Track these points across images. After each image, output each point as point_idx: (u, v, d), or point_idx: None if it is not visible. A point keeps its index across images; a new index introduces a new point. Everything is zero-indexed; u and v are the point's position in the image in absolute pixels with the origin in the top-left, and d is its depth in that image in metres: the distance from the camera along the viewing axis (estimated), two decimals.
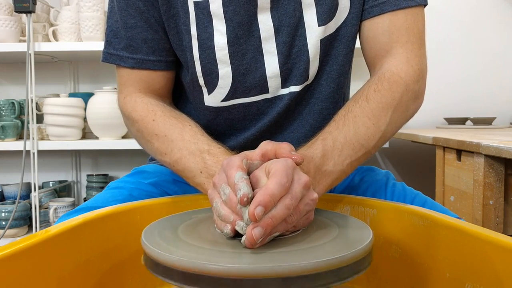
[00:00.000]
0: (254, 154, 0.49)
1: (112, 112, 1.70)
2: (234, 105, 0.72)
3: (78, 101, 1.79)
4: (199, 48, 0.69)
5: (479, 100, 2.03)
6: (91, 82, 2.10)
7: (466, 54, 2.03)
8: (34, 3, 1.66)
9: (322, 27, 0.69)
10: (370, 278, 0.57)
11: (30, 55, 1.69)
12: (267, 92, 0.71)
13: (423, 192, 0.72)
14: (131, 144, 1.72)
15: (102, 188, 1.74)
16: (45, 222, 1.81)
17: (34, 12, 1.69)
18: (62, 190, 2.04)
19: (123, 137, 1.82)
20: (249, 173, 0.47)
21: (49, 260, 0.44)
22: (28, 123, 1.75)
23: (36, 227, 1.75)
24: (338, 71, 0.73)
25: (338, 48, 0.72)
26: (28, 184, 1.92)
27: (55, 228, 0.47)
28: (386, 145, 1.66)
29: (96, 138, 1.82)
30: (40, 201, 1.82)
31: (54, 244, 0.45)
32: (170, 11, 0.69)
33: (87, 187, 1.98)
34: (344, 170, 0.60)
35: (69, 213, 0.64)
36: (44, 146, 1.75)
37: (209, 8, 0.67)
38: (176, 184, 0.76)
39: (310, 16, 0.69)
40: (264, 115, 0.73)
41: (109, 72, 2.07)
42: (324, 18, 0.69)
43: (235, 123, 0.75)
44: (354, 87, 0.77)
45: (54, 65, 2.04)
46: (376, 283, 0.57)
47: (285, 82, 0.71)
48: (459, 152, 1.20)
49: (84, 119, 1.83)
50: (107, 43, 0.74)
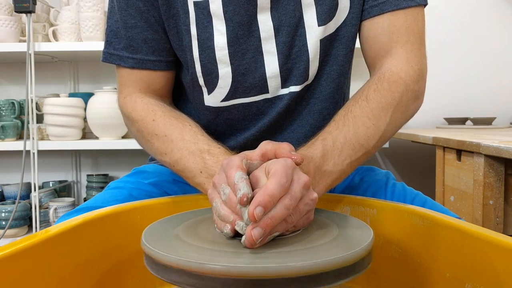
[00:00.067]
0: (254, 154, 0.49)
1: (112, 112, 1.70)
2: (234, 105, 0.72)
3: (78, 101, 1.80)
4: (199, 48, 0.69)
5: (479, 100, 2.03)
6: (91, 82, 2.10)
7: (466, 54, 2.03)
8: (34, 3, 1.66)
9: (322, 27, 0.69)
10: (370, 278, 0.57)
11: (30, 55, 1.69)
12: (267, 92, 0.71)
13: (423, 192, 0.72)
14: (131, 144, 1.72)
15: (102, 188, 1.74)
16: (45, 222, 1.81)
17: (34, 12, 1.69)
18: (62, 190, 2.04)
19: (123, 137, 1.82)
20: (249, 173, 0.47)
21: (49, 260, 0.44)
22: (28, 123, 1.75)
23: (36, 227, 1.75)
24: (338, 71, 0.73)
25: (338, 48, 0.72)
26: (28, 184, 1.92)
27: (55, 228, 0.47)
28: (386, 145, 1.66)
29: (96, 138, 1.82)
30: (40, 201, 1.82)
31: (54, 244, 0.45)
32: (170, 11, 0.69)
33: (87, 187, 1.98)
34: (344, 170, 0.60)
35: (69, 213, 0.64)
36: (44, 146, 1.75)
37: (209, 8, 0.67)
38: (176, 184, 0.76)
39: (310, 16, 0.69)
40: (264, 115, 0.73)
41: (109, 72, 2.07)
42: (324, 18, 0.69)
43: (235, 123, 0.75)
44: (354, 87, 0.77)
45: (54, 65, 2.04)
46: (376, 283, 0.57)
47: (285, 82, 0.71)
48: (459, 152, 1.20)
49: (84, 119, 1.83)
50: (107, 43, 0.74)
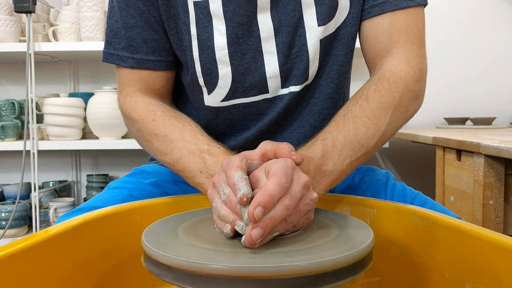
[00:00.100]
0: (253, 154, 0.49)
1: (112, 112, 1.70)
2: (234, 105, 0.72)
3: (78, 101, 1.80)
4: (199, 48, 0.69)
5: (479, 100, 2.03)
6: (91, 82, 2.10)
7: (466, 54, 2.03)
8: (34, 3, 1.66)
9: (322, 27, 0.69)
10: (370, 278, 0.57)
11: (30, 55, 1.69)
12: (267, 92, 0.71)
13: (423, 192, 0.72)
14: (131, 144, 1.72)
15: (102, 188, 1.74)
16: (45, 222, 1.81)
17: (34, 12, 1.69)
18: (62, 190, 2.04)
19: (123, 137, 1.82)
20: (248, 173, 0.47)
21: (49, 260, 0.44)
22: (28, 123, 1.75)
23: (36, 227, 1.75)
24: (338, 71, 0.73)
25: (338, 48, 0.72)
26: (28, 184, 1.92)
27: (55, 228, 0.47)
28: (386, 145, 1.66)
29: (96, 138, 1.82)
30: (40, 201, 1.82)
31: (54, 244, 0.45)
32: (170, 11, 0.69)
33: (87, 187, 1.98)
34: (344, 170, 0.60)
35: (69, 213, 0.64)
36: (44, 146, 1.75)
37: (209, 8, 0.67)
38: (176, 184, 0.76)
39: (309, 16, 0.69)
40: (264, 115, 0.73)
41: (109, 72, 2.07)
42: (324, 18, 0.69)
43: (235, 123, 0.75)
44: (354, 87, 0.77)
45: (54, 65, 2.04)
46: (376, 283, 0.57)
47: (285, 82, 0.71)
48: (459, 152, 1.20)
49: (84, 119, 1.83)
50: (107, 43, 0.74)
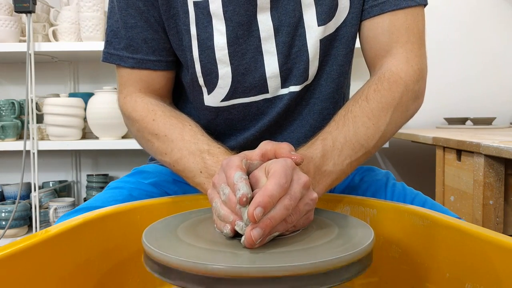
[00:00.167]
0: (253, 154, 0.49)
1: (112, 112, 1.70)
2: (234, 105, 0.72)
3: (78, 101, 1.80)
4: (198, 48, 0.69)
5: (479, 100, 2.03)
6: (91, 82, 2.10)
7: (466, 54, 2.03)
8: (34, 3, 1.66)
9: (321, 27, 0.69)
10: (370, 278, 0.57)
11: (30, 55, 1.69)
12: (267, 92, 0.71)
13: (423, 192, 0.72)
14: (131, 144, 1.72)
15: (102, 188, 1.74)
16: (45, 222, 1.81)
17: (34, 12, 1.69)
18: (62, 190, 2.04)
19: (123, 137, 1.82)
20: (248, 173, 0.47)
21: (49, 260, 0.44)
22: (28, 123, 1.75)
23: (36, 227, 1.75)
24: (338, 71, 0.73)
25: (338, 48, 0.72)
26: (28, 184, 1.92)
27: (55, 228, 0.47)
28: (386, 145, 1.66)
29: (96, 138, 1.82)
30: (40, 201, 1.82)
31: (54, 244, 0.45)
32: (170, 11, 0.69)
33: (87, 187, 1.98)
34: (344, 170, 0.60)
35: (69, 213, 0.64)
36: (44, 146, 1.75)
37: (208, 8, 0.67)
38: (176, 184, 0.76)
39: (309, 16, 0.69)
40: (264, 115, 0.73)
41: (109, 72, 2.07)
42: (323, 18, 0.69)
43: (235, 123, 0.75)
44: (354, 87, 0.77)
45: (54, 65, 2.04)
46: (376, 283, 0.57)
47: (284, 82, 0.71)
48: (459, 152, 1.20)
49: (84, 119, 1.83)
50: (107, 43, 0.74)
